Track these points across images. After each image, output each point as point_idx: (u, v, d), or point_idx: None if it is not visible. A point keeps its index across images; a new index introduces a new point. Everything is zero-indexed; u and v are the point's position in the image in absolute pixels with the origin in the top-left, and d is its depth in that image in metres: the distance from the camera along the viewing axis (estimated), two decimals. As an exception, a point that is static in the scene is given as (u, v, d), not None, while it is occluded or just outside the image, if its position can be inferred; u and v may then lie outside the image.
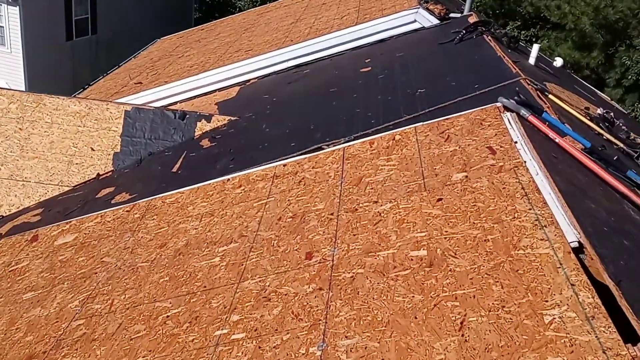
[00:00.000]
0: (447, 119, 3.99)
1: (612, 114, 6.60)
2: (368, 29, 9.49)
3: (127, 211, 4.41)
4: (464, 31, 8.04)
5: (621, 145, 5.55)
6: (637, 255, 2.86)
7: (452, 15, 9.35)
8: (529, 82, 6.08)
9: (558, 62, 13.04)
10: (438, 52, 8.06)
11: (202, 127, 8.09)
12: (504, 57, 7.01)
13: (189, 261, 3.36)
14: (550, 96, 5.73)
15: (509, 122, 3.60)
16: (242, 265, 3.08)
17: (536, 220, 2.67)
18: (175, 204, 4.22)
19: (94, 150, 7.96)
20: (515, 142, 3.37)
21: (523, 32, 21.51)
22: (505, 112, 3.84)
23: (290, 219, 3.33)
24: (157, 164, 7.54)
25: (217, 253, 3.31)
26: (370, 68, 8.34)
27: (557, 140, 3.77)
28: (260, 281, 2.91)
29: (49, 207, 7.40)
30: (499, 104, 4.00)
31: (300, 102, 8.08)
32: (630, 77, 18.75)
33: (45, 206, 7.46)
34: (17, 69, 21.25)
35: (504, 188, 3.00)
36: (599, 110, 6.60)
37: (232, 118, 8.13)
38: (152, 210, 4.24)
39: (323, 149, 6.04)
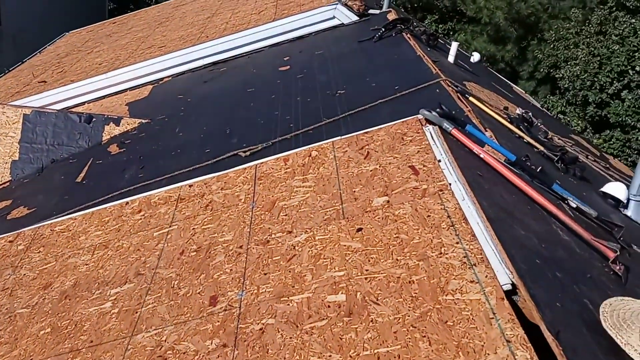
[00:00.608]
0: (366, 132, 3.71)
1: (530, 113, 6.54)
2: (286, 25, 9.13)
3: (9, 242, 3.88)
4: (383, 29, 7.82)
5: (542, 148, 5.46)
6: (570, 290, 2.66)
7: (371, 11, 9.12)
8: (449, 84, 5.91)
9: (475, 57, 13.09)
10: (357, 50, 7.81)
11: (111, 131, 7.51)
12: (424, 56, 6.83)
13: (76, 307, 2.91)
14: (471, 98, 5.57)
15: (432, 137, 3.35)
16: (137, 312, 2.68)
17: (465, 257, 2.41)
18: (65, 233, 3.74)
19: (-12, 159, 7.22)
20: (439, 161, 3.12)
21: (441, 25, 21.73)
22: (427, 124, 3.59)
23: (195, 253, 2.95)
24: (60, 173, 6.92)
25: (109, 296, 2.89)
26: (289, 67, 7.99)
27: (481, 156, 3.55)
28: (156, 334, 2.52)
29: None
30: (420, 117, 3.75)
31: (217, 103, 7.63)
32: (542, 70, 19.30)
33: None
34: None
35: (428, 216, 2.73)
36: (518, 110, 6.54)
37: (144, 121, 7.59)
38: (39, 241, 3.73)
39: (239, 155, 5.66)
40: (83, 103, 9.39)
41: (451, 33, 21.88)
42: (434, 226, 2.66)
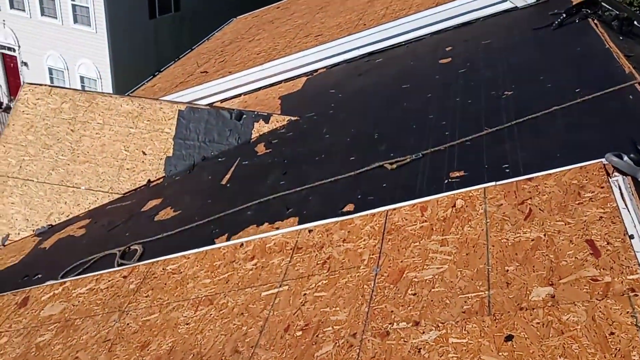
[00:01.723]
0: (530, 179, 2.91)
1: None
2: (451, 11, 8.28)
3: (124, 277, 3.70)
4: (564, 14, 6.70)
5: None
6: None
7: (551, -8, 7.94)
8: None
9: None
10: (532, 40, 6.79)
11: (260, 128, 7.31)
12: (614, 49, 5.69)
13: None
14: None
15: (622, 197, 2.46)
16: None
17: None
18: (175, 276, 3.45)
19: (145, 154, 7.38)
20: (632, 237, 2.24)
21: (637, -3, 19.11)
22: (616, 174, 2.69)
23: (301, 333, 2.46)
24: (208, 172, 6.86)
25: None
26: (450, 59, 7.20)
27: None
28: None
29: (96, 217, 6.92)
30: (605, 161, 2.85)
31: (368, 100, 7.10)
32: None
33: (93, 216, 6.98)
34: (102, 49, 21.39)
35: (611, 334, 1.91)
36: None
37: (292, 118, 7.30)
38: (149, 280, 3.50)
39: (385, 168, 5.09)
40: (240, 95, 9.37)
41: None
42: (618, 354, 1.84)
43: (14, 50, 23.19)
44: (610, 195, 2.49)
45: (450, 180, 4.45)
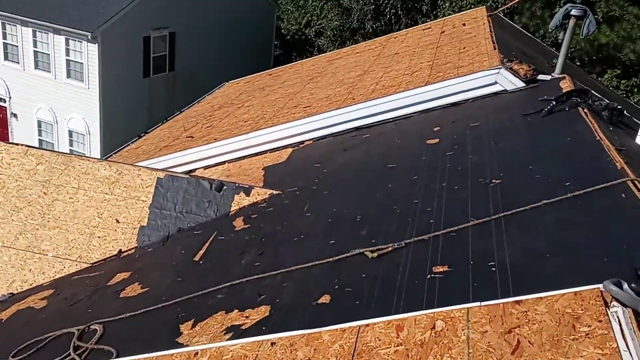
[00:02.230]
0: (518, 302, 2.64)
1: None
2: (440, 91, 8.23)
3: None
4: (554, 102, 6.62)
5: None
6: None
7: (540, 77, 7.93)
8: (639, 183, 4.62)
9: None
10: (521, 126, 6.68)
11: (240, 201, 7.06)
12: (605, 141, 5.56)
13: None
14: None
15: (622, 334, 2.18)
16: None
17: None
18: None
19: (119, 222, 7.08)
20: None
21: (623, 81, 19.49)
22: (615, 304, 2.41)
23: None
24: (182, 246, 6.56)
25: None
26: (438, 140, 7.07)
27: None
28: None
29: (60, 288, 6.55)
30: (602, 288, 2.56)
31: (352, 178, 6.90)
32: None
33: (57, 287, 6.61)
34: (93, 104, 21.38)
35: None
36: None
37: (275, 192, 7.06)
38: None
39: (365, 255, 4.82)
40: (224, 162, 9.18)
41: (635, 90, 19.54)
42: None
43: (4, 101, 23.12)
44: (610, 333, 2.20)
45: (433, 275, 4.19)
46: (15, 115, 23.20)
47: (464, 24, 12.07)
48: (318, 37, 30.96)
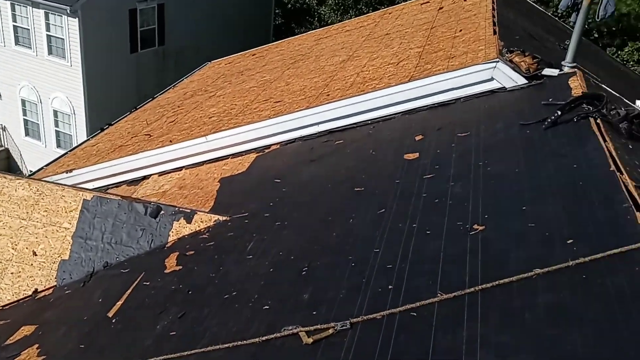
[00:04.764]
0: None
1: None
2: (426, 88, 6.93)
3: None
4: (559, 112, 5.31)
5: None
6: None
7: (546, 72, 6.58)
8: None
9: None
10: (518, 141, 5.40)
11: (179, 229, 5.92)
12: (623, 174, 4.28)
13: None
14: None
15: None
16: None
17: None
18: None
19: (36, 255, 5.97)
20: None
21: (646, 54, 17.88)
22: None
23: None
24: (102, 290, 5.45)
25: None
26: (417, 155, 5.82)
27: None
28: None
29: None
30: None
31: (312, 203, 5.70)
32: None
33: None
34: (77, 83, 20.19)
35: None
36: None
37: (221, 219, 5.91)
38: None
39: (298, 339, 3.66)
40: (181, 168, 8.00)
41: (658, 65, 17.95)
42: None
43: (-13, 80, 22.02)
44: None
45: (376, 388, 3.04)
46: (-1, 94, 22.11)
47: (465, -1, 10.64)
48: (320, 6, 29.37)
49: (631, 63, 17.72)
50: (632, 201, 3.89)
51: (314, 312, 3.90)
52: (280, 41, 14.54)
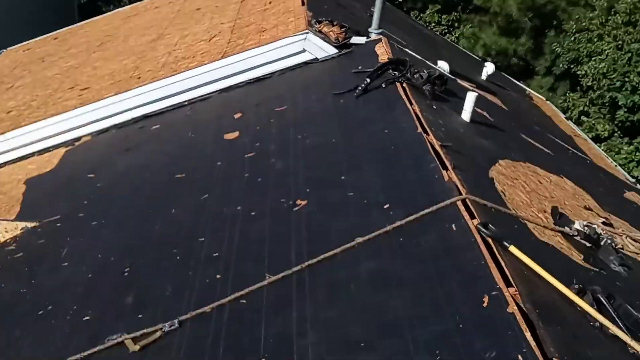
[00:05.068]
0: None
1: (595, 227, 4.22)
2: (240, 64, 6.78)
3: None
4: (368, 79, 5.46)
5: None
6: None
7: (354, 40, 6.74)
8: (473, 203, 3.59)
9: (489, 67, 10.75)
10: (332, 110, 5.49)
11: (-19, 244, 5.23)
12: (427, 134, 4.49)
13: None
14: (512, 249, 3.24)
15: None
16: None
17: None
18: None
19: None
20: None
21: (444, 16, 19.19)
22: None
23: None
24: None
25: None
26: (238, 133, 5.69)
27: None
28: None
29: None
30: None
31: (130, 196, 5.36)
32: (561, 64, 16.59)
33: None
34: None
35: None
36: (577, 225, 4.20)
37: (29, 226, 5.35)
38: None
39: (125, 347, 3.41)
40: (-22, 173, 7.11)
41: (456, 24, 19.36)
42: None
43: None
44: None
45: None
46: None
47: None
48: (128, -19, 27.75)
49: (432, 24, 18.93)
50: (439, 160, 4.10)
51: (140, 316, 3.66)
52: (84, 22, 13.47)
